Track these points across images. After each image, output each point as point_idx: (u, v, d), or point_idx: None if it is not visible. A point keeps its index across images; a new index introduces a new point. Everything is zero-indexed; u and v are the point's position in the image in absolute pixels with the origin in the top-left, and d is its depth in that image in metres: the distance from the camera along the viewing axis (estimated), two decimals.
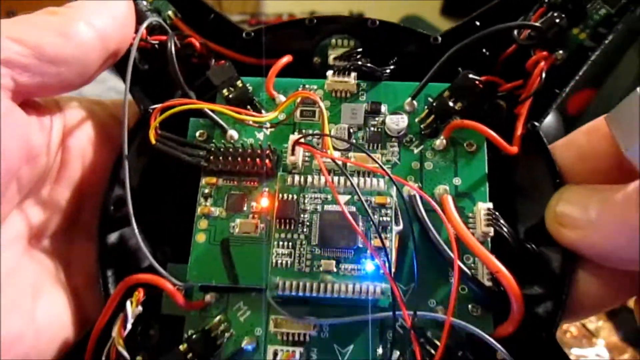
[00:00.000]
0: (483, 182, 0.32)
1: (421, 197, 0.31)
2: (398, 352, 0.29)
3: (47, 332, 0.30)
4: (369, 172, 0.30)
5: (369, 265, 0.28)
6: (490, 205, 0.30)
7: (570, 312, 0.30)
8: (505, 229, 0.30)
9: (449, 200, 0.30)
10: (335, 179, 0.30)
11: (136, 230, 0.30)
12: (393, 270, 0.28)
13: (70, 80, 0.30)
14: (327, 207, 0.29)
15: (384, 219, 0.29)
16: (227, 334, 0.30)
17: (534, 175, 0.32)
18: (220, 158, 0.31)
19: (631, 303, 0.32)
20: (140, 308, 0.30)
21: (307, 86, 0.34)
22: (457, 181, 0.32)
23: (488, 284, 0.29)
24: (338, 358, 0.30)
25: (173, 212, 0.33)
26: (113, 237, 0.32)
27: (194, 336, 0.30)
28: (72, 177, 0.32)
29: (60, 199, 0.32)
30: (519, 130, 0.32)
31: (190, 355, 0.29)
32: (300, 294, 0.28)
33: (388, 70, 0.34)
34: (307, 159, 0.32)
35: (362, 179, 0.30)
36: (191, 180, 0.32)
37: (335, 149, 0.32)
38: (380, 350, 0.29)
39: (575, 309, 0.30)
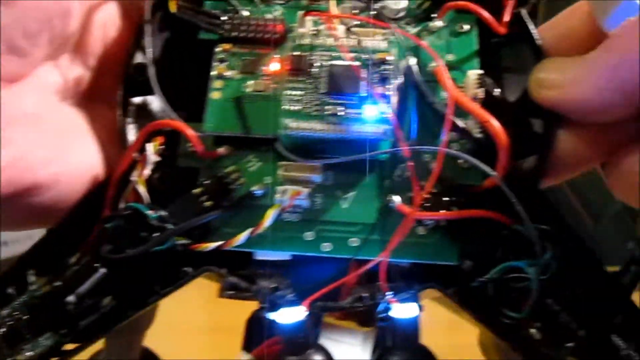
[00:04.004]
0: (474, 56, 0.35)
1: (418, 67, 0.34)
2: (398, 197, 0.32)
3: (77, 169, 0.32)
4: (370, 38, 0.33)
5: (371, 110, 0.31)
6: (481, 71, 0.33)
7: (550, 169, 0.33)
8: (495, 89, 0.33)
9: (443, 69, 0.33)
10: (341, 41, 0.33)
11: (156, 87, 0.33)
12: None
13: None
14: (334, 62, 0.32)
15: (385, 72, 0.32)
16: (238, 182, 0.33)
17: (519, 57, 0.36)
18: (236, 26, 0.34)
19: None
20: (158, 157, 0.32)
21: None
22: (450, 57, 0.35)
23: (478, 136, 0.32)
24: (341, 202, 0.32)
25: (188, 81, 0.35)
26: (134, 100, 0.35)
27: (208, 181, 0.32)
28: (94, 47, 0.35)
29: (83, 64, 0.35)
30: (507, 16, 0.35)
31: (204, 197, 0.32)
32: (308, 133, 0.30)
33: None
34: (315, 32, 0.35)
35: (364, 41, 0.33)
36: (206, 52, 0.35)
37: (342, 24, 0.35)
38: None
39: (554, 166, 0.33)
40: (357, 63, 0.32)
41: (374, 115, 0.31)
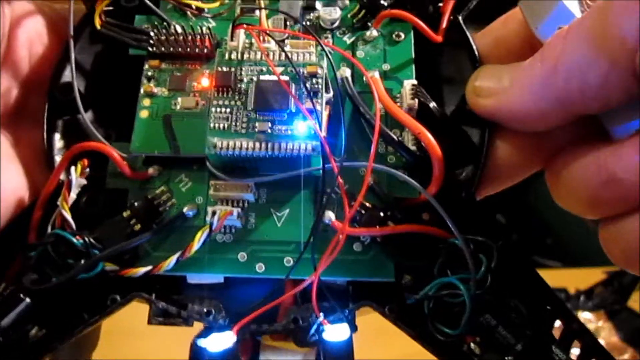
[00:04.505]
0: (409, 64, 0.34)
1: (353, 78, 0.33)
2: (332, 213, 0.31)
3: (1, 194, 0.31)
4: (302, 50, 0.32)
5: (300, 126, 0.30)
6: (415, 81, 0.33)
7: (488, 179, 0.33)
8: (429, 101, 0.32)
9: (378, 79, 0.33)
10: (271, 54, 0.32)
11: (81, 108, 0.32)
12: (324, 134, 0.30)
13: None
14: (263, 77, 0.31)
15: (315, 86, 0.31)
16: (169, 203, 0.32)
17: (456, 64, 0.35)
18: (164, 42, 0.33)
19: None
20: (84, 180, 0.31)
21: None
22: (385, 66, 0.34)
23: (412, 148, 0.32)
24: (274, 220, 0.31)
25: (121, 98, 0.34)
26: (60, 121, 0.34)
27: (137, 203, 0.31)
28: (19, 65, 0.34)
29: (8, 83, 0.33)
30: (444, 24, 0.35)
31: (133, 220, 0.31)
32: (237, 152, 0.29)
33: None
34: (247, 45, 0.34)
35: (295, 55, 0.32)
36: (136, 68, 0.34)
37: (272, 38, 0.34)
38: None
39: (493, 175, 0.33)
40: (285, 78, 0.31)
41: (303, 131, 0.30)
